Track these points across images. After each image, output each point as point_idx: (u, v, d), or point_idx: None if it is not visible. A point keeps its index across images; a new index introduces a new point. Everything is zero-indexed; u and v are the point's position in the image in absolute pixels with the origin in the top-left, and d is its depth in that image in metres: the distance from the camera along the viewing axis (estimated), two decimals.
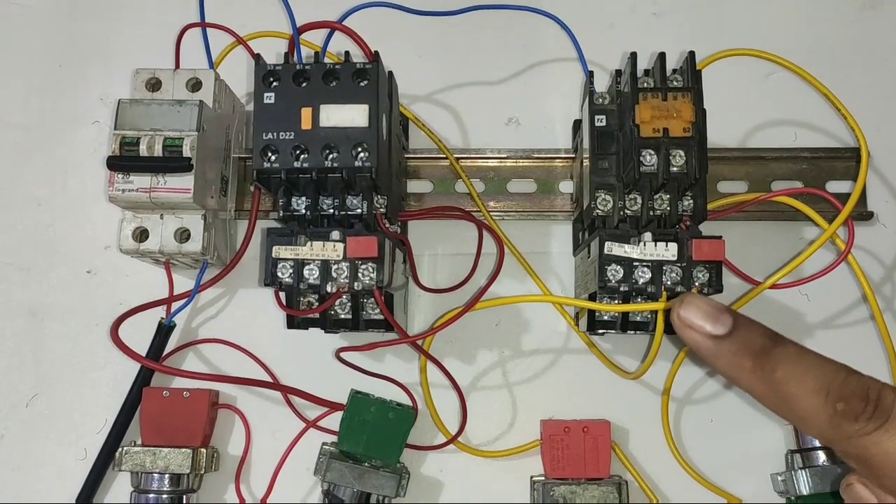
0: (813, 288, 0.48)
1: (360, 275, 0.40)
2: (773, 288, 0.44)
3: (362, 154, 0.39)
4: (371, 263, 0.40)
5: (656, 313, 0.41)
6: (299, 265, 0.40)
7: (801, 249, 0.50)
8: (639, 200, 0.42)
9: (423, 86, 0.54)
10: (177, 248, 0.46)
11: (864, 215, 0.50)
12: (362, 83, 0.40)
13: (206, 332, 0.51)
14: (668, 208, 0.42)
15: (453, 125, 0.53)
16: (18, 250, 0.52)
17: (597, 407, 0.49)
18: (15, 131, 0.54)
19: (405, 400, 0.48)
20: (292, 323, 0.45)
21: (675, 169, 0.39)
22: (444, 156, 0.51)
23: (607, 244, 0.40)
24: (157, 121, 0.44)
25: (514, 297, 0.49)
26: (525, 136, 0.53)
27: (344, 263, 0.40)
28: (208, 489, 0.48)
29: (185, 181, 0.44)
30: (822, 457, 0.45)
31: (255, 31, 0.53)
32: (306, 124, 0.39)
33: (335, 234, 0.40)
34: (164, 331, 0.48)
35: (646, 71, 0.42)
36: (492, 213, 0.50)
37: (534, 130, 0.53)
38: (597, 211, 0.43)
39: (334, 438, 0.48)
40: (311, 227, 0.42)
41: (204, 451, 0.47)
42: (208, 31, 0.52)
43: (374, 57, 0.40)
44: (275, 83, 0.40)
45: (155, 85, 0.47)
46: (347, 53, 0.42)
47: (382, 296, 0.42)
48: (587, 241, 0.45)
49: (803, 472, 0.45)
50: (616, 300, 0.44)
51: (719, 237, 0.40)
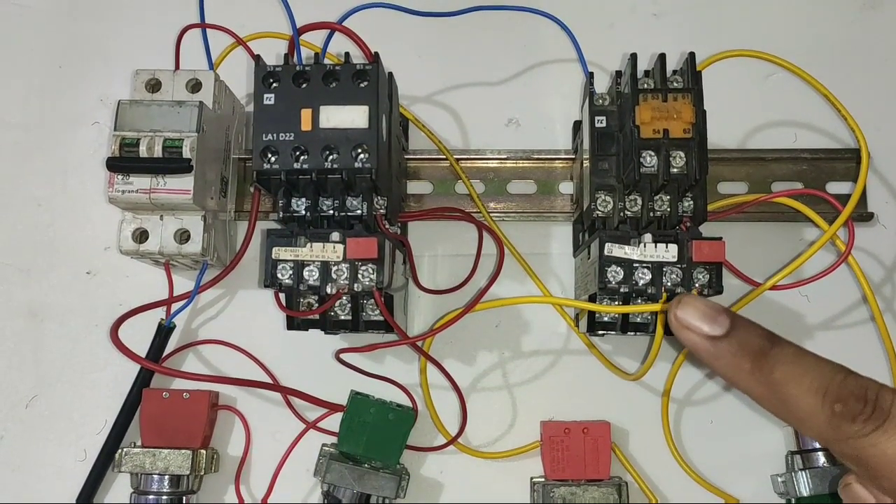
0: (813, 289, 0.48)
1: (359, 276, 0.40)
2: (774, 289, 0.44)
3: (362, 155, 0.39)
4: (371, 265, 0.40)
5: (656, 314, 0.41)
6: (299, 266, 0.40)
7: (802, 250, 0.50)
8: (639, 201, 0.42)
9: (423, 87, 0.54)
10: (176, 250, 0.46)
11: (865, 216, 0.50)
12: (362, 84, 0.40)
13: (205, 334, 0.51)
14: (669, 209, 0.42)
15: (453, 126, 0.53)
16: (18, 251, 0.52)
17: (597, 408, 0.49)
18: (15, 132, 0.54)
19: (405, 401, 0.48)
20: (292, 324, 0.45)
21: (676, 170, 0.39)
22: (444, 157, 0.51)
23: (607, 245, 0.40)
24: (156, 122, 0.44)
25: (514, 298, 0.49)
26: (525, 137, 0.53)
27: (344, 265, 0.40)
28: (208, 490, 0.48)
29: (185, 182, 0.44)
30: (822, 458, 0.45)
31: (254, 31, 0.52)
32: (306, 125, 0.39)
33: (335, 236, 0.40)
34: (164, 332, 0.48)
35: (646, 72, 0.42)
36: (492, 214, 0.50)
37: (534, 131, 0.53)
38: (597, 212, 0.43)
39: (334, 440, 0.48)
40: (311, 228, 0.42)
41: (204, 452, 0.47)
42: (208, 31, 0.52)
43: (374, 58, 0.40)
44: (275, 84, 0.40)
45: (155, 86, 0.47)
46: (347, 55, 0.42)
47: (382, 297, 0.42)
48: (587, 242, 0.45)
49: (803, 473, 0.45)
50: (616, 301, 0.44)
51: (719, 238, 0.40)
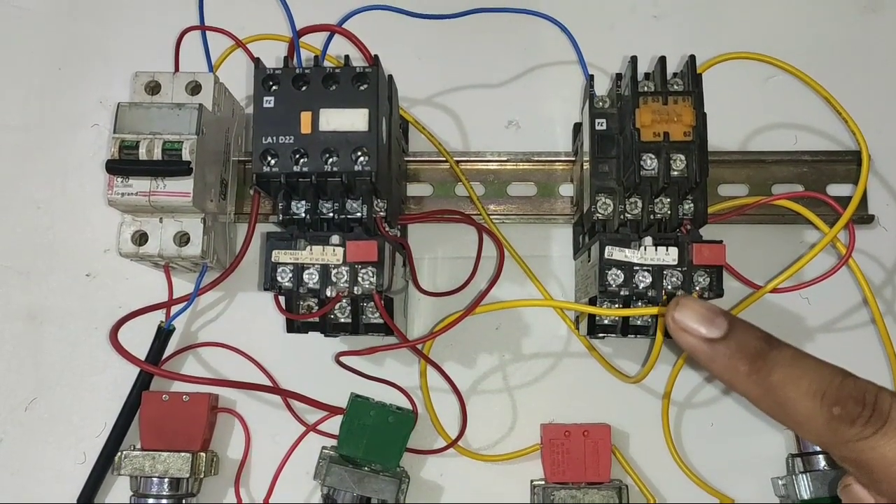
0: (814, 291, 0.48)
1: (359, 279, 0.40)
2: (774, 292, 0.44)
3: (362, 158, 0.39)
4: (371, 267, 0.40)
5: (657, 317, 0.41)
6: (299, 269, 0.40)
7: (802, 253, 0.50)
8: (639, 204, 0.42)
9: (422, 89, 0.53)
10: (176, 252, 0.46)
11: (865, 218, 0.50)
12: (362, 87, 0.40)
13: (205, 336, 0.50)
14: (669, 212, 0.41)
15: (453, 128, 0.53)
16: (17, 253, 0.52)
17: (597, 411, 0.49)
18: (14, 133, 0.54)
19: (405, 404, 0.48)
20: (292, 327, 0.45)
21: (676, 173, 0.39)
22: (444, 159, 0.51)
23: (608, 248, 0.40)
24: (156, 124, 0.44)
25: (514, 301, 0.49)
26: (525, 139, 0.53)
27: (344, 268, 0.40)
28: (208, 493, 0.48)
29: (185, 185, 0.44)
30: (823, 461, 0.45)
31: (254, 33, 0.52)
32: (306, 128, 0.39)
33: (335, 239, 0.40)
34: (164, 334, 0.48)
35: (646, 74, 0.42)
36: (492, 217, 0.50)
37: (534, 133, 0.53)
38: (597, 215, 0.43)
39: (334, 442, 0.47)
40: (311, 230, 0.42)
41: (203, 455, 0.46)
42: (208, 34, 0.52)
43: (373, 61, 0.40)
44: (274, 87, 0.40)
45: (154, 88, 0.47)
46: (347, 57, 0.42)
47: (382, 300, 0.42)
48: (587, 244, 0.45)
49: (804, 476, 0.45)
50: (616, 304, 0.44)
51: (720, 241, 0.40)
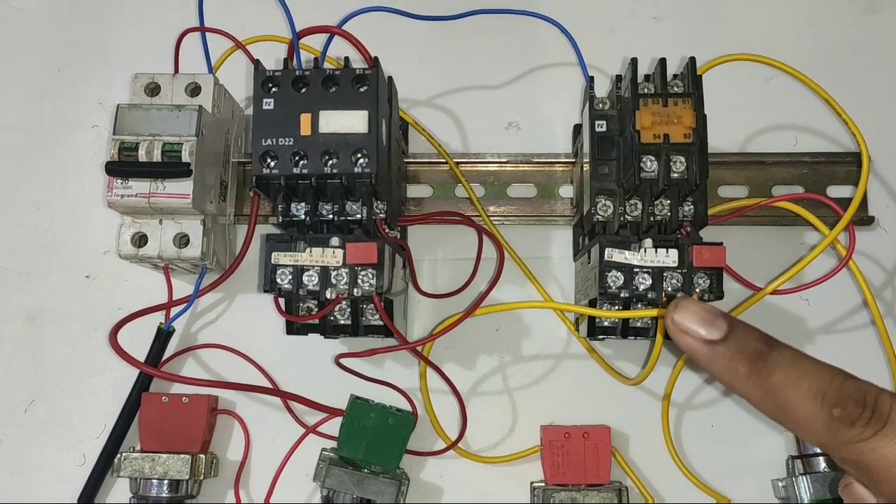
0: (814, 293, 0.48)
1: (359, 281, 0.40)
2: (774, 294, 0.44)
3: (362, 160, 0.39)
4: (371, 269, 0.40)
5: (657, 319, 0.41)
6: (299, 271, 0.40)
7: (802, 254, 0.50)
8: (639, 206, 0.42)
9: (422, 90, 0.53)
10: (176, 254, 0.46)
11: (865, 220, 0.50)
12: (362, 89, 0.40)
13: (205, 338, 0.50)
14: (669, 214, 0.41)
15: (453, 129, 0.53)
16: (17, 254, 0.52)
17: (597, 412, 0.49)
18: (14, 134, 0.54)
19: (405, 405, 0.48)
20: (292, 328, 0.45)
21: (676, 175, 0.39)
22: (443, 160, 0.51)
23: (608, 250, 0.40)
24: (155, 126, 0.44)
25: (514, 303, 0.49)
26: (525, 141, 0.53)
27: (343, 269, 0.40)
28: (207, 495, 0.48)
29: (184, 186, 0.44)
30: (823, 463, 0.45)
31: (254, 34, 0.52)
32: (305, 130, 0.39)
33: (335, 241, 0.40)
34: (163, 336, 0.48)
35: (646, 76, 0.42)
36: (492, 218, 0.50)
37: (534, 135, 0.53)
38: (597, 216, 0.42)
39: (334, 444, 0.47)
40: (311, 232, 0.42)
41: (203, 456, 0.46)
42: (207, 35, 0.52)
43: (373, 63, 0.40)
44: (274, 89, 0.40)
45: (154, 90, 0.46)
46: (347, 59, 0.42)
47: (382, 301, 0.42)
48: (587, 246, 0.45)
49: (804, 478, 0.45)
50: (616, 306, 0.44)
51: (720, 244, 0.40)
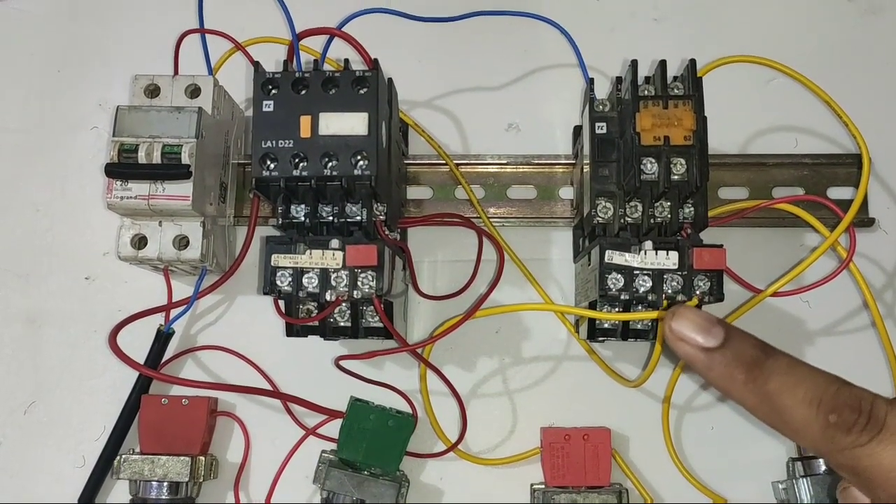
0: (814, 295, 0.48)
1: (359, 283, 0.40)
2: (775, 296, 0.44)
3: (362, 162, 0.39)
4: (370, 272, 0.40)
5: (657, 321, 0.41)
6: (298, 273, 0.40)
7: (803, 256, 0.50)
8: (639, 208, 0.42)
9: (422, 91, 0.53)
10: (175, 256, 0.46)
11: (866, 222, 0.50)
12: (362, 91, 0.40)
13: (204, 339, 0.50)
14: (669, 216, 0.41)
15: (453, 131, 0.53)
16: (17, 256, 0.52)
17: (597, 414, 0.49)
18: (14, 135, 0.54)
19: (405, 407, 0.48)
20: (291, 330, 0.45)
21: (676, 177, 0.39)
22: (443, 162, 0.51)
23: (608, 253, 0.40)
24: (155, 127, 0.44)
25: (514, 305, 0.49)
26: (525, 142, 0.53)
27: (343, 272, 0.40)
28: (207, 497, 0.48)
29: (184, 188, 0.44)
30: (823, 465, 0.45)
31: (254, 36, 0.52)
32: (305, 132, 0.39)
33: (334, 243, 0.40)
34: (163, 338, 0.48)
35: (646, 78, 0.42)
36: (492, 220, 0.50)
37: (534, 136, 0.53)
38: (597, 218, 0.42)
39: (333, 446, 0.47)
40: (311, 234, 0.42)
41: (203, 458, 0.46)
42: (207, 36, 0.52)
43: (373, 64, 0.40)
44: (274, 91, 0.40)
45: (153, 91, 0.46)
46: (347, 61, 0.42)
47: (382, 304, 0.41)
48: (587, 248, 0.45)
49: (804, 480, 0.45)
50: (616, 308, 0.43)
51: (720, 246, 0.39)
